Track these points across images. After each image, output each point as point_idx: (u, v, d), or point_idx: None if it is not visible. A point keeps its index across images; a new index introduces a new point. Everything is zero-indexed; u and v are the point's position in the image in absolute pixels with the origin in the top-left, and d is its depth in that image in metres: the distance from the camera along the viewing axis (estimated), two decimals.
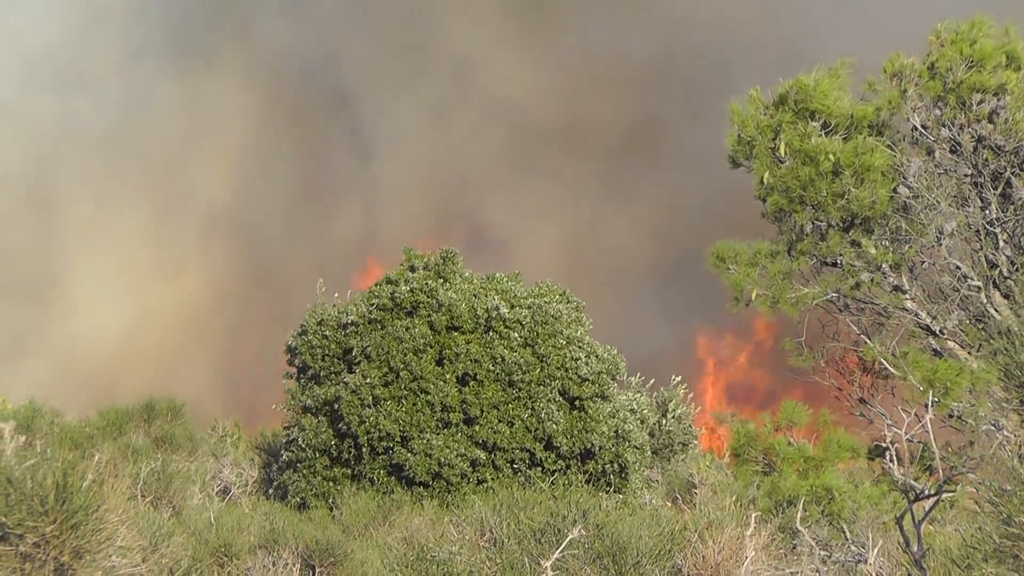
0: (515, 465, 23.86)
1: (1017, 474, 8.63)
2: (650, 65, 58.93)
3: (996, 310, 18.30)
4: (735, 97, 19.03)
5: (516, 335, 24.35)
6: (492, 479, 23.64)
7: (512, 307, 24.73)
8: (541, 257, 56.48)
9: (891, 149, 18.50)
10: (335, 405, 24.31)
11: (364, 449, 23.91)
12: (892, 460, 11.58)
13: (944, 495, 11.96)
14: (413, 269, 25.41)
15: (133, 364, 56.72)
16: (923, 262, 18.64)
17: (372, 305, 24.83)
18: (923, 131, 18.54)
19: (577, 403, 24.35)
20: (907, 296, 18.65)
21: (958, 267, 18.48)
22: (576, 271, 54.08)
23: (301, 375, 25.40)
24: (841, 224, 18.66)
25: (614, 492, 24.17)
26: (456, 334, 24.41)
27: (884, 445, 12.51)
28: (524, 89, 60.57)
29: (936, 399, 17.08)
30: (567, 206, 61.06)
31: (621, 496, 24.00)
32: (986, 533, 8.85)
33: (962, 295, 18.45)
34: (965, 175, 18.48)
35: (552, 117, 60.84)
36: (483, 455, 23.74)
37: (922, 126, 18.53)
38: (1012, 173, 18.36)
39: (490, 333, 24.39)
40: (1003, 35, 18.47)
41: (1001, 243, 18.44)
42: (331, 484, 24.16)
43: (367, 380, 23.97)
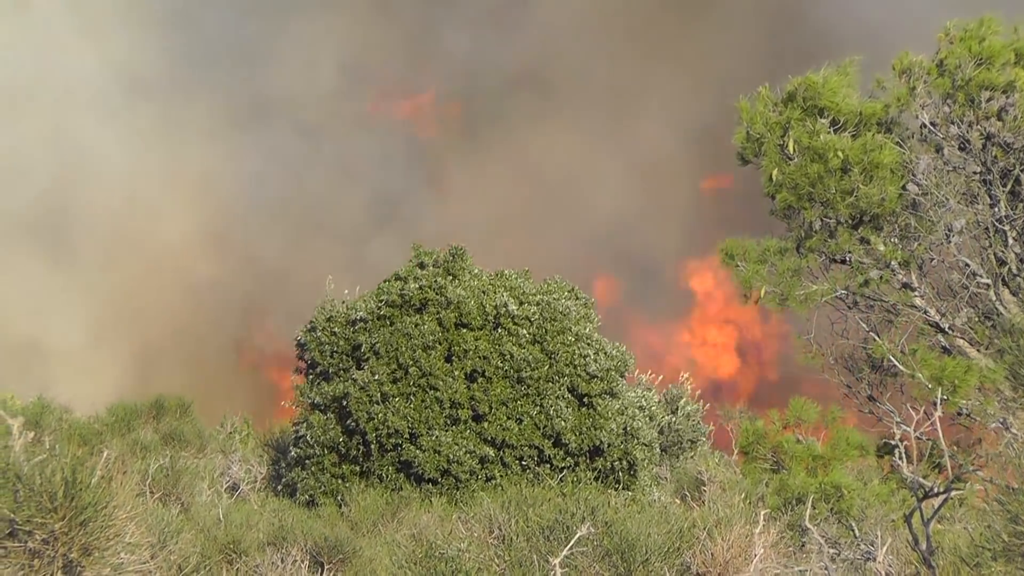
0: (524, 462, 23.85)
1: None
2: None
3: (1005, 307, 18.27)
4: (744, 95, 19.03)
5: (525, 332, 24.34)
6: (501, 476, 23.63)
7: (521, 304, 24.71)
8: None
9: (900, 146, 18.49)
10: (344, 402, 24.31)
11: (372, 446, 23.90)
12: (901, 458, 11.57)
13: (953, 493, 11.94)
14: (422, 266, 25.40)
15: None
16: (932, 259, 18.62)
17: (381, 302, 24.82)
18: (932, 128, 18.52)
19: (586, 400, 24.34)
20: (916, 293, 18.63)
21: (967, 264, 18.46)
22: None
23: (310, 371, 25.41)
24: (850, 221, 18.65)
25: (623, 489, 24.15)
26: (465, 331, 24.40)
27: (893, 443, 12.49)
28: None
29: (945, 397, 17.07)
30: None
31: (630, 493, 23.98)
32: (995, 531, 8.85)
33: (971, 292, 18.43)
34: (974, 172, 18.45)
35: None
36: (492, 452, 23.73)
37: (931, 123, 18.52)
38: (1021, 170, 18.34)
39: (499, 330, 24.38)
40: (1012, 33, 18.46)
41: (1010, 240, 18.41)
42: (339, 481, 24.15)
43: (376, 377, 23.98)
